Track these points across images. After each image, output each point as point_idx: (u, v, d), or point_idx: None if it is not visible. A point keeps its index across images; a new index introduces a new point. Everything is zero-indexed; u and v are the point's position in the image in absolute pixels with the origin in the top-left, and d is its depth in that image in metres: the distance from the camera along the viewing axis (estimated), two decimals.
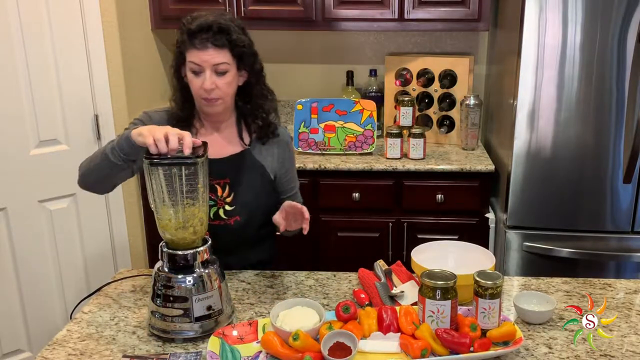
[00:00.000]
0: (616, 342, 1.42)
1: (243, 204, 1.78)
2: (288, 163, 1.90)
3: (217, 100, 1.70)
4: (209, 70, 1.66)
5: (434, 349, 1.33)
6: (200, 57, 1.65)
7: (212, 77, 1.67)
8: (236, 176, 1.78)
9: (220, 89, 1.69)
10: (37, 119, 2.45)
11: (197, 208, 1.45)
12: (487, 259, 1.62)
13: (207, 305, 1.44)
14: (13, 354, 2.55)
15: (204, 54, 1.65)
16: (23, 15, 2.34)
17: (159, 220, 1.47)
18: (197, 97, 1.73)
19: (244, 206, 1.78)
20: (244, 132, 1.84)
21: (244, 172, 1.80)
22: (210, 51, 1.65)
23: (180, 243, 1.46)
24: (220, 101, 1.71)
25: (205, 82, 1.66)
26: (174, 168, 1.40)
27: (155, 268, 1.48)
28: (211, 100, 1.70)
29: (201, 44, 1.65)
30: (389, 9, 2.82)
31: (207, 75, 1.66)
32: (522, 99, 2.43)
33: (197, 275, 1.44)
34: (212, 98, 1.69)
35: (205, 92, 1.68)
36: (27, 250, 2.51)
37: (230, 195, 1.77)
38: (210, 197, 1.74)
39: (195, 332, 1.44)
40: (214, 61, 1.66)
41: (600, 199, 2.49)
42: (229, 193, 1.77)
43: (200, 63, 1.66)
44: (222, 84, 1.68)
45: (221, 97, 1.70)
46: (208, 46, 1.65)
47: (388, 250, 2.83)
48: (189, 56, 1.67)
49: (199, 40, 1.65)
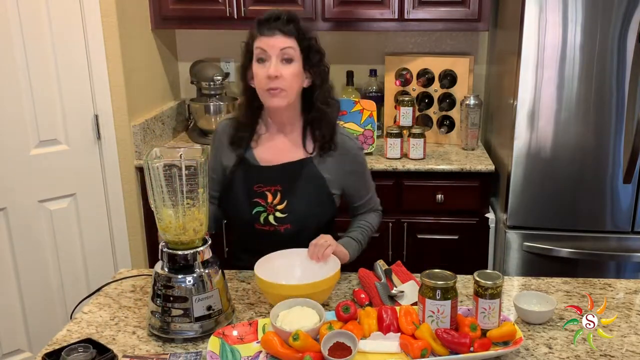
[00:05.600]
0: (616, 342, 1.42)
1: (295, 213, 1.76)
2: (357, 174, 1.86)
3: (281, 91, 1.67)
4: (275, 57, 1.65)
5: (434, 349, 1.33)
6: (267, 42, 1.66)
7: (278, 65, 1.66)
8: (290, 184, 1.76)
9: (285, 79, 1.66)
10: (37, 119, 2.45)
11: (197, 209, 1.45)
12: (333, 265, 1.59)
13: (207, 305, 1.44)
14: (13, 354, 2.55)
15: (272, 40, 1.65)
16: (23, 15, 2.34)
17: (159, 220, 1.47)
18: (262, 90, 1.69)
19: (295, 215, 1.76)
20: (308, 139, 1.81)
21: (300, 180, 1.77)
22: (278, 37, 1.66)
23: (180, 243, 1.46)
24: (284, 93, 1.68)
25: (271, 68, 1.64)
26: (174, 168, 1.41)
27: (155, 268, 1.48)
28: (275, 90, 1.67)
29: (270, 30, 1.66)
30: (389, 9, 2.82)
31: (272, 62, 1.65)
32: (522, 99, 2.43)
33: (197, 275, 1.44)
34: (277, 88, 1.66)
35: (269, 80, 1.65)
36: (27, 250, 2.51)
37: (283, 203, 1.75)
38: (259, 202, 1.76)
39: (195, 332, 1.44)
40: (281, 45, 1.65)
41: (600, 199, 2.49)
42: (281, 200, 1.76)
43: (266, 48, 1.65)
44: (287, 74, 1.66)
45: (285, 89, 1.67)
46: (276, 33, 1.66)
47: (388, 250, 2.83)
48: (257, 43, 1.67)
49: (267, 28, 1.66)
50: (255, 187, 1.76)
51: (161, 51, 3.08)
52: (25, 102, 2.40)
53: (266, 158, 1.80)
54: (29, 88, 2.40)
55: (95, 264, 2.72)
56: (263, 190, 1.76)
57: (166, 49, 3.15)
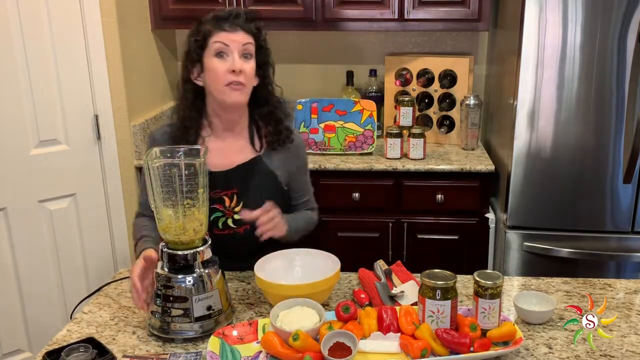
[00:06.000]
0: (616, 342, 1.42)
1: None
2: (300, 169, 1.87)
3: (242, 86, 1.67)
4: (236, 52, 1.65)
5: (434, 349, 1.33)
6: (229, 37, 1.65)
7: (240, 60, 1.66)
8: (244, 185, 1.76)
9: (246, 74, 1.67)
10: (37, 119, 2.45)
11: (197, 209, 1.45)
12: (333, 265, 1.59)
13: (207, 305, 1.44)
14: (13, 354, 2.55)
15: (233, 35, 1.66)
16: (23, 15, 2.34)
17: (159, 220, 1.47)
18: (220, 85, 1.66)
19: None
20: (256, 137, 1.81)
21: (254, 180, 1.77)
22: (240, 33, 1.66)
23: (180, 243, 1.46)
24: (245, 89, 1.68)
25: (235, 62, 1.64)
26: (174, 168, 1.41)
27: (155, 268, 1.48)
28: (237, 85, 1.66)
29: (231, 27, 1.66)
30: (389, 9, 2.82)
31: (235, 57, 1.65)
32: (522, 99, 2.43)
33: (197, 275, 1.44)
34: (239, 82, 1.66)
35: (232, 74, 1.65)
36: (27, 250, 2.51)
37: (239, 205, 1.75)
38: (218, 208, 1.74)
39: (195, 332, 1.44)
40: (243, 41, 1.66)
41: (600, 199, 2.49)
42: (237, 202, 1.75)
43: (228, 43, 1.65)
44: (248, 68, 1.67)
45: (246, 84, 1.68)
46: (238, 29, 1.66)
47: (388, 250, 2.83)
48: (216, 38, 1.66)
49: (229, 24, 1.67)
50: (212, 194, 1.71)
51: (161, 51, 3.08)
52: (25, 102, 2.40)
53: (217, 163, 1.75)
54: (29, 88, 2.40)
55: (95, 264, 2.72)
56: (221, 195, 1.74)
57: (166, 49, 3.15)
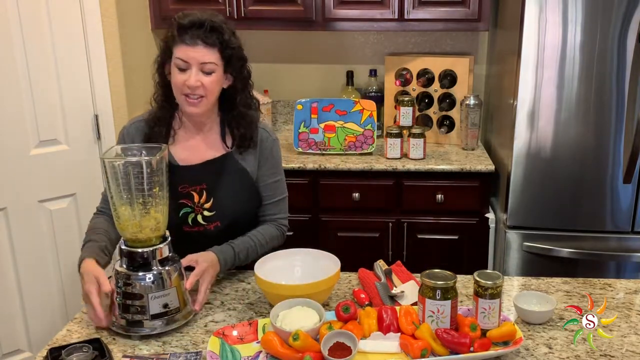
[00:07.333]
0: (616, 342, 1.42)
1: (223, 209, 1.75)
2: (270, 163, 1.81)
3: (199, 98, 1.65)
4: (195, 67, 1.63)
5: (434, 349, 1.33)
6: (188, 53, 1.62)
7: (198, 75, 1.63)
8: (214, 181, 1.75)
9: (205, 87, 1.64)
10: (37, 119, 2.45)
11: (153, 207, 1.46)
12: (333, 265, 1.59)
13: (163, 303, 1.45)
14: (13, 354, 2.55)
15: (193, 51, 1.62)
16: (23, 15, 2.34)
17: (116, 218, 1.47)
18: (179, 94, 1.67)
19: (223, 211, 1.75)
20: (227, 135, 1.79)
21: (224, 176, 1.76)
22: (199, 48, 1.62)
23: (138, 241, 1.46)
24: (203, 100, 1.66)
25: (190, 79, 1.62)
26: (130, 167, 1.41)
27: (115, 266, 1.49)
28: (193, 99, 1.65)
29: (191, 40, 1.62)
30: (389, 9, 2.82)
31: (192, 72, 1.62)
32: (522, 99, 2.43)
33: (156, 272, 1.45)
34: (195, 95, 1.65)
35: (188, 88, 1.63)
36: (27, 250, 2.51)
37: (209, 201, 1.74)
38: (186, 203, 1.73)
39: (151, 329, 1.44)
40: (202, 60, 1.62)
41: (600, 199, 2.49)
42: (207, 199, 1.74)
43: (187, 59, 1.62)
44: (207, 82, 1.64)
45: (205, 95, 1.66)
46: (198, 43, 1.62)
47: (388, 250, 2.83)
48: (177, 52, 1.64)
49: (189, 36, 1.62)
50: (180, 188, 1.72)
51: None
52: (25, 102, 2.40)
53: (185, 158, 1.76)
54: (29, 88, 2.40)
55: None
56: (189, 191, 1.73)
57: None
